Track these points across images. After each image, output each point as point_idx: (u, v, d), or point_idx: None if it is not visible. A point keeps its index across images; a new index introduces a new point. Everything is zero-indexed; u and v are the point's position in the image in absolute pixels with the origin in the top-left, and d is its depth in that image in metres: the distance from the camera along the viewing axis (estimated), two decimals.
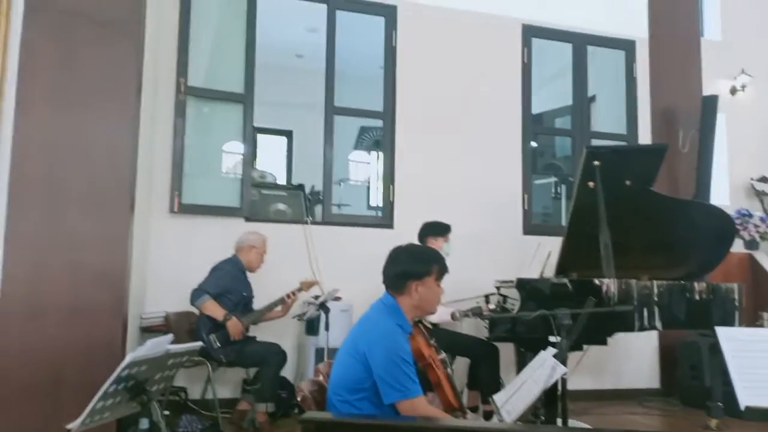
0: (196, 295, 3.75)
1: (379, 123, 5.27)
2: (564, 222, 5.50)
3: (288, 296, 4.06)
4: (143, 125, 3.83)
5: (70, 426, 1.85)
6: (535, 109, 5.61)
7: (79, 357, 3.19)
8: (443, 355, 2.35)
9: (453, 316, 2.91)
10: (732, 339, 2.05)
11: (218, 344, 3.72)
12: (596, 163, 3.59)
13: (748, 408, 1.84)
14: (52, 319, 3.21)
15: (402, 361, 2.03)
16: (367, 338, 2.09)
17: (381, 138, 5.26)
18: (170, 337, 2.20)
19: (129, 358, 1.95)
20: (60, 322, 3.22)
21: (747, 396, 1.86)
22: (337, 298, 4.25)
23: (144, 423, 2.32)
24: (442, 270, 2.26)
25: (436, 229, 4.14)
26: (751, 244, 5.75)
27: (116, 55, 3.54)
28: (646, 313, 3.38)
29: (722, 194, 5.98)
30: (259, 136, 7.95)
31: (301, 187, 5.45)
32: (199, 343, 2.45)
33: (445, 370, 2.31)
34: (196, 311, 3.87)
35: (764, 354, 1.98)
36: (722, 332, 2.08)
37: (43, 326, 3.19)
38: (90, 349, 3.19)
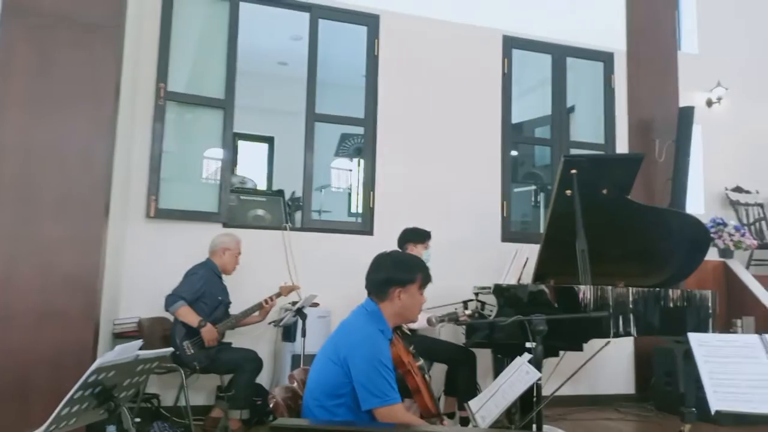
0: (170, 300, 3.68)
1: (360, 130, 5.27)
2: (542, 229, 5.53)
3: (266, 301, 4.02)
4: (121, 129, 3.79)
5: None
6: (515, 118, 5.66)
7: (49, 362, 3.12)
8: (421, 361, 2.35)
9: (429, 322, 2.91)
10: (704, 344, 2.07)
11: (192, 351, 3.66)
12: (573, 171, 3.62)
13: (718, 412, 1.86)
14: (21, 322, 3.14)
15: (382, 366, 2.02)
16: (349, 342, 2.07)
17: (362, 145, 5.25)
18: (139, 342, 2.16)
19: (96, 363, 1.91)
20: (29, 326, 3.15)
21: (717, 401, 1.88)
22: (315, 304, 4.22)
23: (111, 430, 2.26)
24: (426, 279, 2.27)
25: (416, 236, 4.13)
26: (725, 253, 5.83)
27: (94, 59, 3.51)
28: (621, 320, 3.40)
29: (697, 203, 6.08)
30: (241, 143, 7.93)
31: (280, 192, 5.43)
32: (170, 349, 2.41)
33: (423, 377, 2.31)
34: (170, 317, 3.81)
35: (735, 359, 2.00)
36: (694, 338, 2.11)
37: (12, 330, 3.12)
38: (60, 355, 3.13)
